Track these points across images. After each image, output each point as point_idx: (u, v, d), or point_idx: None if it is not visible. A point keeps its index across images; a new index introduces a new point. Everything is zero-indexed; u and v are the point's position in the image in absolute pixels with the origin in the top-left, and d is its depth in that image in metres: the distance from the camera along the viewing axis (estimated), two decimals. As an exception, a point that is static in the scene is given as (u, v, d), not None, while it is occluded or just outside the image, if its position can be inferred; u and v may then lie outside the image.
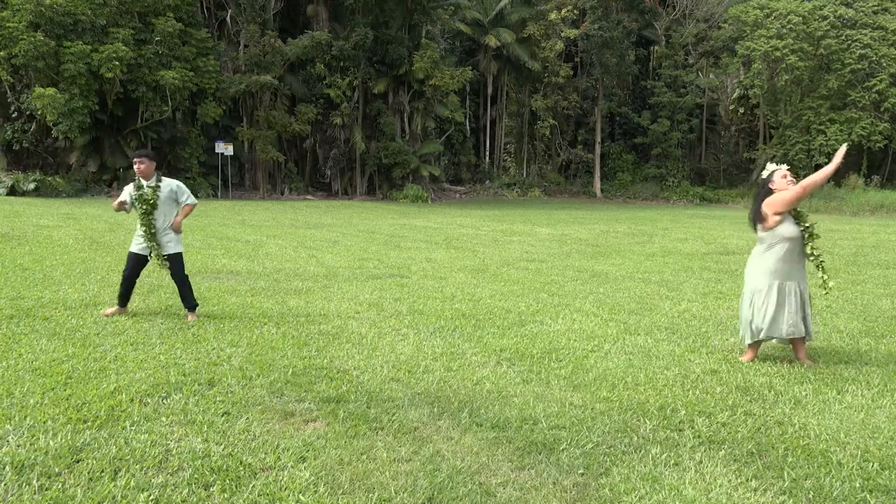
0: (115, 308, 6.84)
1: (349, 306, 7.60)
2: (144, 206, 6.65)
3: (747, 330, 5.70)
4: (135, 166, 6.68)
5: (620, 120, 44.79)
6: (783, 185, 5.64)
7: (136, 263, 6.81)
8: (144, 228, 6.70)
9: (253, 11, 31.49)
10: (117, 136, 29.37)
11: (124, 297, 6.85)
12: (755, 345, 5.76)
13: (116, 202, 6.86)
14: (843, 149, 5.70)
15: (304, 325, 6.62)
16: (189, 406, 4.29)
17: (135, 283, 6.91)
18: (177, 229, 6.83)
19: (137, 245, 6.82)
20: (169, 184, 6.81)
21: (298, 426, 4.05)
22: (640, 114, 42.96)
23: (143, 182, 6.71)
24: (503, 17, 39.53)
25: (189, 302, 6.82)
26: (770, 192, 5.70)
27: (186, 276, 6.86)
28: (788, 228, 5.58)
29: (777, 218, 5.56)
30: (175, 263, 6.81)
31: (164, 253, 6.74)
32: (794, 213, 5.66)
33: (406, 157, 32.85)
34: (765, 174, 5.83)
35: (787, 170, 5.77)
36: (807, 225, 5.63)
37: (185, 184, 7.58)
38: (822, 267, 5.69)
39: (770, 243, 5.65)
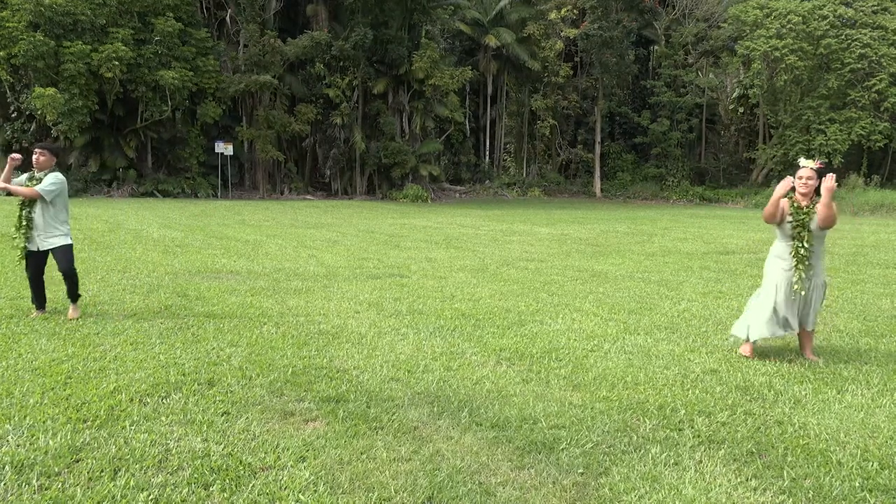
0: (36, 312, 6.67)
1: (349, 306, 7.60)
2: (22, 199, 6.48)
3: None
4: (34, 157, 6.54)
5: (620, 119, 44.79)
6: (785, 184, 5.51)
7: (32, 260, 6.57)
8: (22, 222, 6.48)
9: (252, 11, 31.50)
10: (117, 135, 29.40)
11: (39, 298, 6.68)
12: None
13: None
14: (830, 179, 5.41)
15: (304, 324, 6.62)
16: (189, 406, 4.29)
17: (42, 280, 6.68)
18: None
19: (29, 242, 6.56)
20: (52, 177, 6.51)
21: (298, 426, 4.05)
22: (639, 113, 42.97)
23: (36, 174, 6.57)
24: (503, 17, 39.54)
25: (73, 295, 6.63)
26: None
27: (75, 270, 6.63)
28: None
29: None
30: (61, 256, 6.55)
31: (49, 247, 6.51)
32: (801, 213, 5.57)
33: (406, 157, 32.86)
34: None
35: (814, 168, 5.48)
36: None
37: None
38: None
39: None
